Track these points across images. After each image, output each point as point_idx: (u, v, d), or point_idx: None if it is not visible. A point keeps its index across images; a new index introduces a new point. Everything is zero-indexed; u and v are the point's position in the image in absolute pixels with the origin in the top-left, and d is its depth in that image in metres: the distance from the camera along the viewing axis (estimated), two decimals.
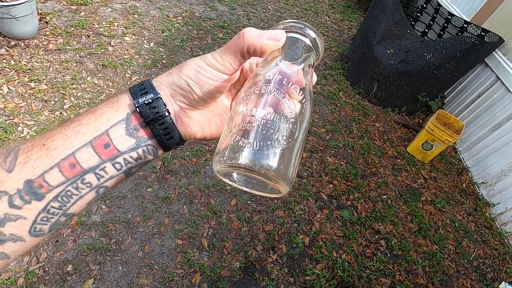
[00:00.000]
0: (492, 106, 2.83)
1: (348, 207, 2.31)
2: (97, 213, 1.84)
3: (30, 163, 0.30)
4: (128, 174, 0.34)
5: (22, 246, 0.31)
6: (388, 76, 3.06)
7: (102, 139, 0.32)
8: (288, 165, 0.29)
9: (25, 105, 2.17)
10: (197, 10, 3.68)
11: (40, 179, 0.30)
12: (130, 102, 0.33)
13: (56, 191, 0.30)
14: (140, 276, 1.67)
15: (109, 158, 0.32)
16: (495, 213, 2.63)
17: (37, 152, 0.30)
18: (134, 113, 0.33)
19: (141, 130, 0.33)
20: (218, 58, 0.33)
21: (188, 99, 0.34)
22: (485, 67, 3.00)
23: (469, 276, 2.18)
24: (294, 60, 0.34)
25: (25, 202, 0.29)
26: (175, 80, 0.34)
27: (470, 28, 2.98)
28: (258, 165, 0.28)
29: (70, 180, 0.31)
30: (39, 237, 0.32)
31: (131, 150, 0.33)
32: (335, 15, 4.65)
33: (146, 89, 0.33)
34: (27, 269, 1.56)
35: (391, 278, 2.00)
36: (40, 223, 0.31)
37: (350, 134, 2.89)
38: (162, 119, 0.33)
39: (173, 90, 0.34)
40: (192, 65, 0.33)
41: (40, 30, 2.68)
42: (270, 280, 1.80)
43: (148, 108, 0.32)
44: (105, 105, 0.33)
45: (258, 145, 0.28)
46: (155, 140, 0.34)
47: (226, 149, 0.29)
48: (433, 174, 2.81)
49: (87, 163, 0.31)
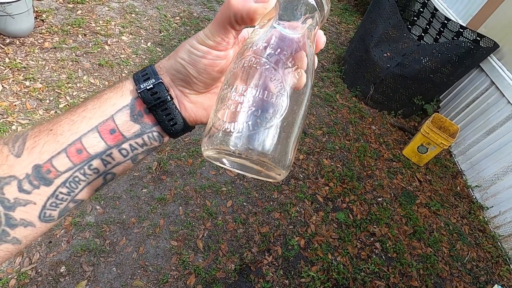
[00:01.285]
0: (487, 111, 2.86)
1: (343, 210, 2.31)
2: (92, 214, 1.82)
3: (37, 148, 0.30)
4: (135, 160, 0.34)
5: (32, 232, 0.31)
6: (385, 79, 3.08)
7: (108, 124, 0.32)
8: (284, 150, 0.26)
9: (20, 104, 2.15)
10: (195, 10, 3.67)
11: (48, 164, 0.30)
12: (133, 87, 0.33)
13: (64, 177, 0.31)
14: (134, 278, 1.66)
15: (115, 144, 0.32)
16: (488, 216, 2.66)
17: (45, 137, 0.30)
18: (137, 99, 0.33)
19: (145, 116, 0.33)
20: (209, 34, 0.31)
21: (187, 82, 0.34)
22: (480, 72, 3.03)
23: (463, 279, 2.20)
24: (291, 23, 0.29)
25: (34, 187, 0.29)
26: (173, 65, 0.33)
27: (466, 32, 3.02)
28: (248, 151, 0.25)
29: (77, 166, 0.31)
30: (49, 222, 0.32)
31: (137, 136, 0.33)
32: (332, 17, 4.67)
33: (148, 74, 0.33)
34: (19, 270, 1.54)
35: (386, 281, 2.01)
36: (49, 209, 0.31)
37: (346, 137, 2.90)
38: (164, 104, 0.33)
39: (172, 75, 0.34)
40: (186, 46, 0.32)
41: (36, 28, 2.65)
42: (265, 282, 1.80)
43: (150, 94, 0.32)
44: (111, 90, 0.33)
45: (248, 129, 0.25)
46: (159, 127, 0.34)
47: (214, 134, 0.26)
48: (428, 177, 2.83)
49: (93, 149, 0.31)
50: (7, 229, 0.29)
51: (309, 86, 0.29)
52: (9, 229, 0.30)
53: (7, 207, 0.29)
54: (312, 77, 0.30)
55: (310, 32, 0.30)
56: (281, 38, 0.29)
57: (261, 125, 0.25)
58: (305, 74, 0.28)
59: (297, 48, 0.28)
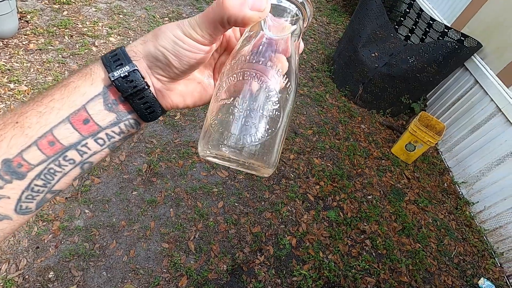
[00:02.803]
0: (471, 109, 2.94)
1: (334, 208, 2.34)
2: (80, 218, 1.79)
3: (5, 142, 0.29)
4: (113, 148, 0.34)
5: (10, 224, 0.31)
6: (373, 78, 3.13)
7: (80, 115, 0.30)
8: (271, 153, 0.29)
9: (4, 107, 2.10)
10: (184, 11, 3.66)
11: (18, 158, 0.29)
12: (104, 75, 0.31)
13: (38, 170, 0.30)
14: (125, 282, 1.64)
15: (90, 134, 0.31)
16: (474, 212, 2.73)
17: (11, 131, 0.29)
18: (110, 87, 0.31)
19: (120, 104, 0.32)
20: (197, 29, 0.30)
21: (166, 72, 0.32)
22: (465, 71, 3.11)
23: (450, 273, 2.25)
24: (279, 32, 0.31)
25: (6, 181, 0.29)
26: (152, 52, 0.31)
27: (451, 33, 3.09)
28: (240, 156, 0.27)
29: (51, 158, 0.30)
30: (26, 214, 0.31)
31: (113, 125, 0.32)
32: (322, 18, 4.72)
33: (121, 60, 0.31)
34: (5, 277, 1.50)
35: (376, 277, 2.04)
36: (25, 201, 0.30)
37: (336, 136, 2.93)
38: (141, 93, 0.31)
39: (150, 62, 0.32)
40: (169, 35, 0.30)
41: (20, 30, 2.59)
42: (257, 282, 1.81)
43: (125, 82, 0.31)
44: (78, 78, 0.31)
45: (240, 137, 0.28)
46: (136, 114, 0.33)
47: (209, 138, 0.29)
48: (416, 174, 2.89)
49: (67, 140, 0.30)
50: None
51: (293, 90, 0.31)
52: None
53: None
54: (296, 81, 0.32)
55: (295, 40, 0.32)
56: (270, 43, 0.31)
57: (253, 134, 0.28)
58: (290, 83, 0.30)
59: (283, 51, 0.31)
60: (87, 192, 1.90)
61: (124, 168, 2.08)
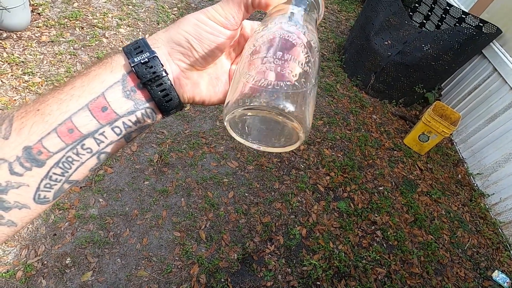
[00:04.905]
0: (489, 98, 2.84)
1: (345, 199, 2.32)
2: (95, 206, 1.84)
3: (26, 129, 0.29)
4: (128, 139, 0.34)
5: (28, 214, 0.31)
6: (386, 67, 3.05)
7: (99, 102, 0.30)
8: (305, 109, 0.28)
9: (19, 98, 2.14)
10: (192, 1, 3.62)
11: (38, 145, 0.29)
12: (125, 62, 0.32)
13: (57, 157, 0.30)
14: (138, 268, 1.68)
15: (107, 122, 0.31)
16: (489, 204, 2.67)
17: (32, 118, 0.29)
18: (130, 74, 0.31)
19: (138, 91, 0.32)
20: (220, 10, 0.31)
21: (187, 57, 0.32)
22: (483, 59, 2.99)
23: (463, 265, 2.22)
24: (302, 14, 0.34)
25: (26, 169, 0.29)
26: (173, 36, 0.32)
27: (468, 19, 2.97)
28: (277, 104, 0.26)
29: (70, 146, 0.30)
30: (44, 204, 0.32)
31: (130, 113, 0.32)
32: (332, 5, 4.60)
33: (141, 47, 0.31)
34: (25, 262, 1.56)
35: (387, 268, 2.03)
36: (43, 190, 0.31)
37: (347, 126, 2.89)
38: (159, 79, 0.31)
39: (171, 47, 0.32)
40: (191, 19, 0.31)
41: (33, 22, 2.62)
42: (267, 271, 1.83)
43: (145, 68, 0.31)
44: (98, 67, 0.32)
45: (277, 84, 0.27)
46: (154, 103, 0.33)
47: (242, 94, 0.28)
48: (429, 165, 2.83)
49: (85, 128, 0.30)
50: (1, 212, 0.29)
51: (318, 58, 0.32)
52: (3, 212, 0.29)
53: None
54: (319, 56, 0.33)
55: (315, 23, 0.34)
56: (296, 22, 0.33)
57: (289, 82, 0.27)
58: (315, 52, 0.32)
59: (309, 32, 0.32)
60: (101, 182, 1.94)
61: (136, 158, 2.11)
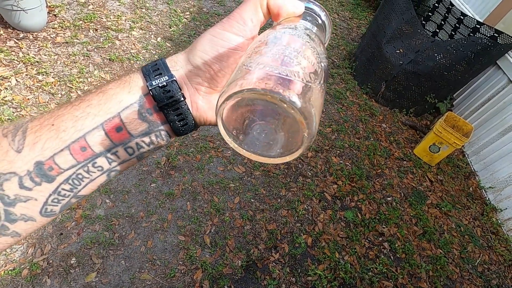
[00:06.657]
0: (503, 110, 2.77)
1: (352, 208, 2.28)
2: (101, 207, 1.85)
3: (39, 144, 0.29)
4: (140, 158, 0.34)
5: (33, 225, 0.31)
6: (397, 76, 3.01)
7: (114, 122, 0.30)
8: (312, 106, 0.25)
9: (33, 98, 2.18)
10: (205, 5, 3.66)
11: (50, 161, 0.29)
12: (143, 84, 0.31)
13: (67, 174, 0.30)
14: (142, 271, 1.68)
15: (121, 142, 0.31)
16: (502, 219, 2.59)
17: (47, 133, 0.29)
18: (147, 96, 0.31)
19: (154, 114, 0.32)
20: (236, 15, 0.31)
21: (205, 79, 0.32)
22: (497, 69, 2.93)
23: (474, 281, 2.15)
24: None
25: (36, 184, 0.29)
26: (190, 58, 0.31)
27: (483, 29, 2.91)
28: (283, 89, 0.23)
29: (81, 164, 0.30)
30: (50, 217, 0.32)
31: (144, 135, 0.32)
32: (344, 12, 4.59)
33: (160, 69, 0.31)
34: (31, 261, 1.57)
35: (394, 281, 1.98)
36: (51, 205, 0.31)
37: (356, 135, 2.86)
38: (176, 104, 0.31)
39: (189, 70, 0.32)
40: (207, 36, 0.31)
41: (49, 23, 2.68)
42: (271, 280, 1.80)
43: (162, 92, 0.30)
44: (117, 85, 0.32)
45: (284, 71, 0.24)
46: (169, 126, 0.33)
47: (244, 78, 0.25)
48: (440, 177, 2.77)
49: (98, 147, 0.30)
50: (7, 224, 0.29)
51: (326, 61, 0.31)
52: (9, 223, 0.29)
53: (7, 203, 0.29)
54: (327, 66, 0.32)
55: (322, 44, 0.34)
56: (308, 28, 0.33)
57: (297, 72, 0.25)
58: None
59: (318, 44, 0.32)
60: (108, 183, 1.95)
61: (144, 160, 2.12)
